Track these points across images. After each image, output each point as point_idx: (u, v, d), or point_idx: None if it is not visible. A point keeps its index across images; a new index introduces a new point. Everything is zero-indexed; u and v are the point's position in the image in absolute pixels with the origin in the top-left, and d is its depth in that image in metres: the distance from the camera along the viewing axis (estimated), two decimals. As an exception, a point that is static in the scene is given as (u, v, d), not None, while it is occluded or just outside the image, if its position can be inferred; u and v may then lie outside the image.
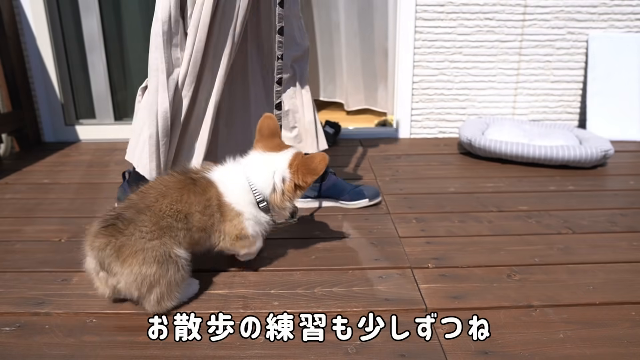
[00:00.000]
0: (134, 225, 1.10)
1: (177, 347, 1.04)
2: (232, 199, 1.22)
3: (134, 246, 1.07)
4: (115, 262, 1.07)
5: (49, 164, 2.37)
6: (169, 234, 1.13)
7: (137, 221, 1.10)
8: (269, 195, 1.24)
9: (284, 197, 1.24)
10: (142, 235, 1.09)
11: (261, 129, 1.29)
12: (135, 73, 2.87)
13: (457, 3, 2.59)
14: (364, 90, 3.14)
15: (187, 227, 1.16)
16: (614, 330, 1.08)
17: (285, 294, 1.23)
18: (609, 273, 1.31)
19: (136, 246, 1.08)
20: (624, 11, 2.65)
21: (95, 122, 2.83)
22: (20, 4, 2.57)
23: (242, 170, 1.25)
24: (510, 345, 1.04)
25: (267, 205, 1.25)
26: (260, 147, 1.28)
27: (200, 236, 1.20)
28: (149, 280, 1.08)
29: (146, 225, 1.10)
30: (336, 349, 1.03)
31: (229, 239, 1.24)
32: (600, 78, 2.69)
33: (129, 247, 1.07)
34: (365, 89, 3.14)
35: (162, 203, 1.15)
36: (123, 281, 1.08)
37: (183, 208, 1.16)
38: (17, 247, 1.51)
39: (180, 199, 1.17)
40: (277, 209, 1.27)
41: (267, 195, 1.24)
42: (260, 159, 1.26)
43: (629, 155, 2.42)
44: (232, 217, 1.22)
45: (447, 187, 1.98)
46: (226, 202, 1.21)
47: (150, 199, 1.15)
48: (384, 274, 1.32)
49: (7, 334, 1.09)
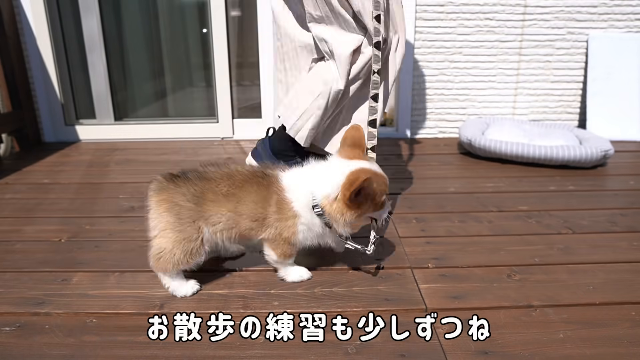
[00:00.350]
0: (187, 183, 1.19)
1: (177, 347, 1.04)
2: (291, 195, 1.20)
3: (171, 195, 1.18)
4: (152, 197, 1.20)
5: (49, 164, 2.37)
6: (210, 212, 1.18)
7: (191, 182, 1.19)
8: (322, 200, 1.18)
9: (335, 207, 1.17)
10: (184, 193, 1.17)
11: (346, 139, 1.27)
12: (135, 73, 2.87)
13: (457, 3, 2.59)
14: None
15: (235, 211, 1.19)
16: (614, 330, 1.08)
17: (285, 294, 1.23)
18: (609, 273, 1.31)
19: (172, 197, 1.18)
20: (624, 11, 2.65)
21: (95, 122, 2.84)
22: (20, 4, 2.57)
23: (311, 173, 1.23)
24: (510, 345, 1.04)
25: (321, 212, 1.19)
26: (339, 153, 1.26)
27: (249, 226, 1.21)
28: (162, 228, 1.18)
29: (195, 189, 1.18)
30: (336, 349, 1.03)
31: (279, 239, 1.22)
32: (600, 78, 2.69)
33: (167, 192, 1.18)
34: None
35: (224, 182, 1.20)
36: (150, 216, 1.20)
37: (238, 193, 1.19)
38: (17, 247, 1.51)
39: (242, 185, 1.19)
40: (330, 219, 1.19)
41: (320, 200, 1.18)
42: (331, 165, 1.23)
43: (629, 155, 2.42)
44: (288, 217, 1.20)
45: (447, 187, 1.98)
46: (285, 199, 1.20)
47: (217, 174, 1.22)
48: (384, 274, 1.32)
49: (7, 334, 1.09)
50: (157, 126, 2.85)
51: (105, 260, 1.41)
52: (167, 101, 2.97)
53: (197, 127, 2.85)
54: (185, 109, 2.95)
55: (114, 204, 1.85)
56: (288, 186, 1.21)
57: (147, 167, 2.31)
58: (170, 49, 2.88)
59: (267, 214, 1.20)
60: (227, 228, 1.20)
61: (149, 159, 2.46)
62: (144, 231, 1.60)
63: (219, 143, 2.75)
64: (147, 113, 2.95)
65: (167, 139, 2.80)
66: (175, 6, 2.78)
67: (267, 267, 1.37)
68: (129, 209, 1.80)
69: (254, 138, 2.80)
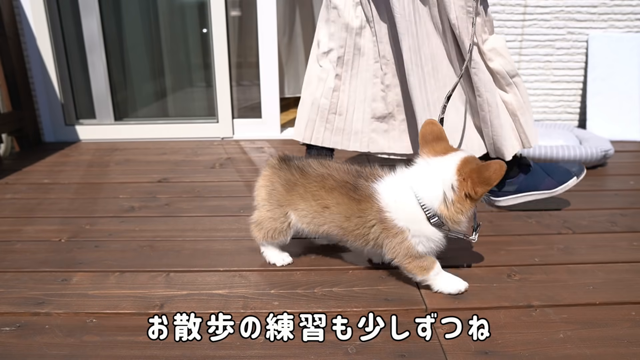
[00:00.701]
0: (288, 169, 1.25)
1: (177, 347, 1.04)
2: (394, 214, 1.13)
3: (271, 174, 1.28)
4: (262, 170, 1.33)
5: (49, 164, 2.37)
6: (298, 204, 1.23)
7: (291, 169, 1.25)
8: (439, 207, 1.10)
9: (455, 208, 1.10)
10: (280, 177, 1.25)
11: (424, 136, 1.17)
12: (135, 73, 2.87)
13: (457, 3, 2.58)
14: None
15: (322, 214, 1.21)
16: (614, 330, 1.08)
17: (285, 294, 1.23)
18: (609, 273, 1.31)
19: (272, 176, 1.27)
20: (624, 11, 2.65)
21: (95, 122, 2.84)
22: (20, 4, 2.57)
23: (407, 182, 1.14)
24: (510, 345, 1.04)
25: (439, 219, 1.11)
26: (425, 153, 1.16)
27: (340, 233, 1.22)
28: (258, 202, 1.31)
29: (290, 178, 1.24)
30: (336, 349, 1.03)
31: (400, 257, 1.16)
32: (600, 78, 2.69)
33: (271, 170, 1.28)
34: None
35: (316, 183, 1.21)
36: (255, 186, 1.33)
37: (326, 198, 1.20)
38: (17, 247, 1.51)
39: (331, 192, 1.19)
40: (451, 224, 1.12)
41: (436, 208, 1.10)
42: (426, 167, 1.13)
43: (629, 155, 2.42)
44: (395, 233, 1.14)
45: (447, 187, 1.97)
46: (388, 218, 1.13)
47: (313, 171, 1.23)
48: (384, 274, 1.32)
49: (7, 334, 1.09)
50: (157, 126, 2.85)
51: (105, 260, 1.41)
52: (167, 101, 2.97)
53: (197, 127, 2.85)
54: (185, 109, 2.95)
55: (114, 204, 1.85)
56: (387, 204, 1.13)
57: (147, 167, 2.31)
58: (170, 49, 2.88)
59: (363, 233, 1.16)
60: (315, 224, 1.23)
61: (149, 159, 2.46)
62: (144, 231, 1.61)
63: (219, 143, 2.75)
64: (147, 113, 2.95)
65: (167, 139, 2.80)
66: (175, 6, 2.78)
67: (267, 267, 1.37)
68: (129, 209, 1.80)
69: (254, 138, 2.80)
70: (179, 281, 1.30)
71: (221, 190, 1.98)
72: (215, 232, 1.59)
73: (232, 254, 1.44)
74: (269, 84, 2.75)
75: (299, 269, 1.35)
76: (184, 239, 1.55)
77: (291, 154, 1.31)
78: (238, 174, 2.19)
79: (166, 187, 2.02)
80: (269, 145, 2.65)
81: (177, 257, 1.43)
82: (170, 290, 1.25)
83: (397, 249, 1.15)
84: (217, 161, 2.39)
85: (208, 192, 1.96)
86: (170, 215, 1.74)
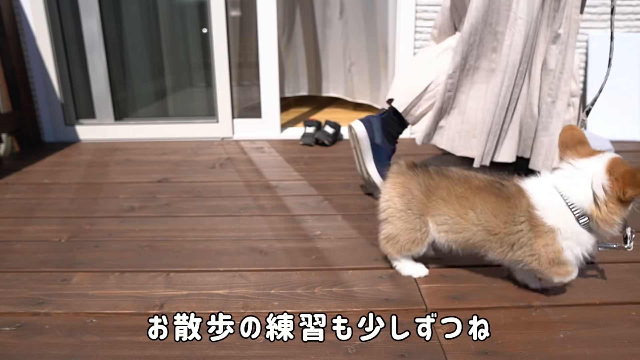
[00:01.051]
0: (425, 174, 1.21)
1: (177, 347, 1.04)
2: (544, 212, 1.09)
3: (407, 181, 1.22)
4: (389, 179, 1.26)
5: (49, 164, 2.37)
6: (439, 210, 1.18)
7: (429, 174, 1.21)
8: (589, 207, 1.06)
9: (607, 209, 1.05)
10: (420, 182, 1.20)
11: (564, 141, 1.14)
12: (135, 73, 2.87)
13: (457, 3, 2.59)
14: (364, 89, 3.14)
15: (466, 217, 1.16)
16: (614, 330, 1.08)
17: (285, 294, 1.23)
18: (609, 273, 1.31)
19: (408, 183, 1.22)
20: (624, 11, 2.65)
21: (95, 122, 2.84)
22: (20, 4, 2.57)
23: (552, 184, 1.11)
24: (510, 345, 1.04)
25: (588, 222, 1.07)
26: (569, 156, 1.12)
27: (483, 238, 1.15)
28: (390, 214, 1.23)
29: (431, 183, 1.19)
30: (336, 349, 1.03)
31: (543, 262, 1.11)
32: (600, 78, 2.69)
33: (404, 177, 1.23)
34: (366, 87, 3.14)
35: (460, 184, 1.17)
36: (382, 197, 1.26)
37: (473, 199, 1.15)
38: (17, 247, 1.51)
39: (478, 192, 1.15)
40: (602, 225, 1.07)
41: (586, 208, 1.06)
42: (572, 169, 1.10)
43: (629, 155, 2.41)
44: (544, 232, 1.10)
45: (447, 187, 1.97)
46: (537, 215, 1.10)
47: (455, 174, 1.20)
48: (384, 274, 1.32)
49: (7, 334, 1.09)
50: (157, 126, 2.85)
51: (105, 260, 1.41)
52: (167, 101, 2.97)
53: (197, 127, 2.85)
54: (185, 109, 2.95)
55: (114, 204, 1.85)
56: (537, 202, 1.10)
57: (147, 167, 2.31)
58: (170, 49, 2.88)
59: (510, 232, 1.12)
60: (454, 232, 1.18)
61: (149, 159, 2.46)
62: (144, 231, 1.61)
63: (219, 143, 2.75)
64: (147, 113, 2.95)
65: (167, 139, 2.80)
66: (175, 6, 2.78)
67: (267, 267, 1.37)
68: (129, 209, 1.80)
69: (254, 138, 2.80)
70: (179, 281, 1.30)
71: (221, 190, 1.98)
72: (215, 232, 1.59)
73: (232, 254, 1.44)
74: (269, 84, 2.75)
75: (299, 269, 1.35)
76: (184, 239, 1.55)
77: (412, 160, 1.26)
78: (238, 174, 2.19)
79: (166, 187, 2.03)
80: (269, 145, 2.65)
81: (177, 257, 1.43)
82: (170, 290, 1.25)
83: (542, 252, 1.10)
84: (217, 161, 2.39)
85: (208, 192, 1.96)
86: (170, 215, 1.74)
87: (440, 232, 1.20)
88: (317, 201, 1.84)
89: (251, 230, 1.60)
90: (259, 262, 1.39)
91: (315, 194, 1.92)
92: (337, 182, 2.05)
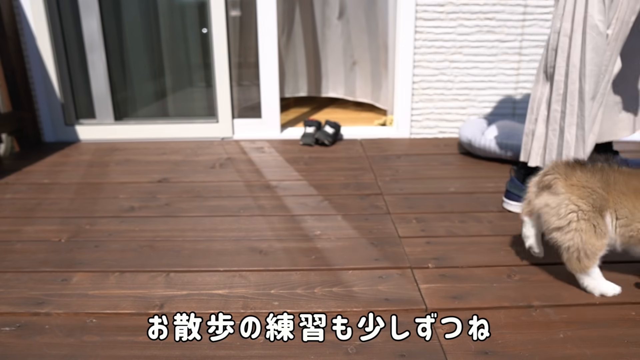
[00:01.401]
0: (599, 169, 1.15)
1: (177, 347, 1.04)
2: None
3: (584, 180, 1.14)
4: (558, 182, 1.16)
5: (49, 164, 2.37)
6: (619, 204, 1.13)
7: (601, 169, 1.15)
8: None
9: None
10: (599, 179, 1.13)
11: None
12: (135, 73, 2.87)
13: (457, 3, 2.59)
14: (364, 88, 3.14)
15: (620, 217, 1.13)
16: (614, 330, 1.08)
17: (285, 294, 1.23)
18: (609, 273, 1.31)
19: (587, 182, 1.14)
20: None
21: (95, 122, 2.83)
22: (20, 4, 2.57)
23: None
24: (510, 345, 1.04)
25: None
26: None
27: None
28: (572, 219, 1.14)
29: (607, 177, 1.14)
30: (336, 349, 1.03)
31: None
32: (600, 78, 2.69)
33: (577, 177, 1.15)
34: (367, 87, 3.14)
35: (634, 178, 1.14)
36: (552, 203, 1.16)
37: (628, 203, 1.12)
38: (17, 247, 1.51)
39: None
40: None
41: None
42: None
43: (629, 155, 2.41)
44: None
45: (447, 187, 1.98)
46: None
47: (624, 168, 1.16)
48: (384, 274, 1.32)
49: (7, 334, 1.09)
50: (157, 126, 2.85)
51: (105, 260, 1.42)
52: (167, 101, 2.97)
53: (197, 127, 2.85)
54: (185, 109, 2.95)
55: (114, 204, 1.85)
56: None
57: (147, 167, 2.31)
58: (170, 49, 2.88)
59: None
60: (624, 225, 1.15)
61: (148, 159, 2.46)
62: (144, 231, 1.61)
63: (219, 143, 2.75)
64: (147, 113, 2.95)
65: (167, 139, 2.80)
66: (175, 6, 2.78)
67: (267, 267, 1.37)
68: (129, 209, 1.80)
69: (254, 138, 2.80)
70: (179, 281, 1.30)
71: (221, 190, 1.98)
72: (215, 232, 1.59)
73: (232, 254, 1.44)
74: (269, 84, 2.75)
75: (299, 269, 1.35)
76: (184, 239, 1.55)
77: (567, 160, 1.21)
78: (238, 174, 2.19)
79: (166, 187, 2.03)
80: (269, 145, 2.65)
81: (177, 257, 1.43)
82: (170, 290, 1.25)
83: None
84: (217, 161, 2.39)
85: (208, 192, 1.96)
86: (170, 215, 1.74)
87: (617, 228, 1.15)
88: (317, 201, 1.84)
89: (251, 230, 1.60)
90: (259, 262, 1.39)
91: (315, 194, 1.92)
92: (337, 182, 2.05)
